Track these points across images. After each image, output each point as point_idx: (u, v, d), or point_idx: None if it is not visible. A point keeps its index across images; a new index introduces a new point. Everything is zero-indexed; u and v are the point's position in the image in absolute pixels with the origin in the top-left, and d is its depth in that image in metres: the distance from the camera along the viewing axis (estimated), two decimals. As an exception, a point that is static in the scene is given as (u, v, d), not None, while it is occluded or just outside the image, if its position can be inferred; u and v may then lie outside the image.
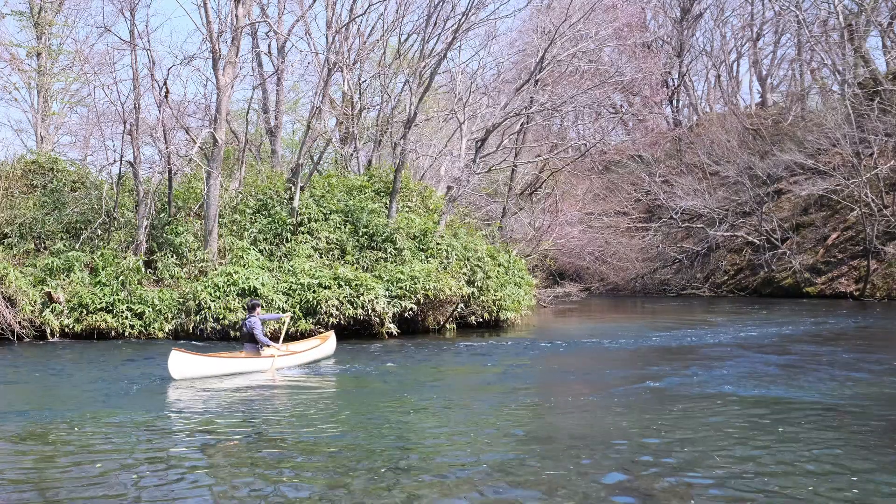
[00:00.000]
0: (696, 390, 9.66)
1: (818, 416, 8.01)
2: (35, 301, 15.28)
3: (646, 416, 8.09)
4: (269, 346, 11.95)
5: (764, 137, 37.73)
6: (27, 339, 14.99)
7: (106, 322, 15.43)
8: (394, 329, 16.31)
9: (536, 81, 23.31)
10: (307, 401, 9.43)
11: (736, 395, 9.27)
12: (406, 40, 26.78)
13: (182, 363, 10.55)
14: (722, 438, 7.01)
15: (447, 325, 17.98)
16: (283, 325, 13.43)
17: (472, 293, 18.04)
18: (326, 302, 15.63)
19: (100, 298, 15.61)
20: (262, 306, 13.92)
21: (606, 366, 12.39)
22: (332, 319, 15.63)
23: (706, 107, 47.60)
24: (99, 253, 16.77)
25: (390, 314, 16.21)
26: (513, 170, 28.93)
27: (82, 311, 15.50)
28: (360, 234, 18.23)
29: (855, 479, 5.76)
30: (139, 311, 15.65)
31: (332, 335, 13.84)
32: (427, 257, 18.01)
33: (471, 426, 7.72)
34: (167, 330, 15.72)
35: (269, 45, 24.83)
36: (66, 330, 15.44)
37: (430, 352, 14.24)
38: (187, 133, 21.01)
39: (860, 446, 6.72)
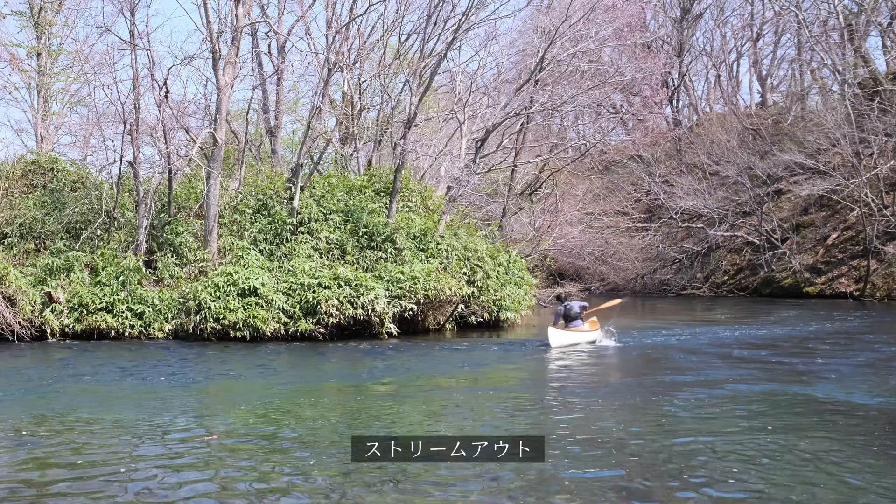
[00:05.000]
0: (700, 388, 9.66)
1: (828, 415, 8.02)
2: (35, 301, 15.27)
3: (647, 415, 8.09)
4: (554, 325, 15.14)
5: (764, 137, 37.69)
6: (27, 339, 14.98)
7: (106, 322, 15.43)
8: (394, 329, 16.31)
9: (536, 81, 23.29)
10: (307, 402, 9.43)
11: (737, 393, 9.26)
12: (406, 40, 26.78)
13: (558, 336, 14.40)
14: (726, 436, 7.01)
15: (447, 325, 17.99)
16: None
17: (472, 293, 18.04)
18: (326, 302, 15.62)
19: (100, 298, 15.61)
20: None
21: (606, 365, 12.39)
22: (332, 319, 15.62)
23: (706, 107, 47.59)
24: (99, 253, 16.77)
25: (390, 314, 16.20)
26: (513, 170, 28.93)
27: (82, 311, 15.50)
28: (360, 234, 18.22)
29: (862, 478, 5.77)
30: (139, 311, 15.65)
31: (597, 320, 16.24)
32: (427, 257, 18.00)
33: (472, 427, 7.72)
34: (167, 330, 15.73)
35: (269, 45, 24.85)
36: (66, 330, 15.44)
37: (431, 352, 14.23)
38: (187, 133, 21.01)
39: (861, 446, 6.72)
